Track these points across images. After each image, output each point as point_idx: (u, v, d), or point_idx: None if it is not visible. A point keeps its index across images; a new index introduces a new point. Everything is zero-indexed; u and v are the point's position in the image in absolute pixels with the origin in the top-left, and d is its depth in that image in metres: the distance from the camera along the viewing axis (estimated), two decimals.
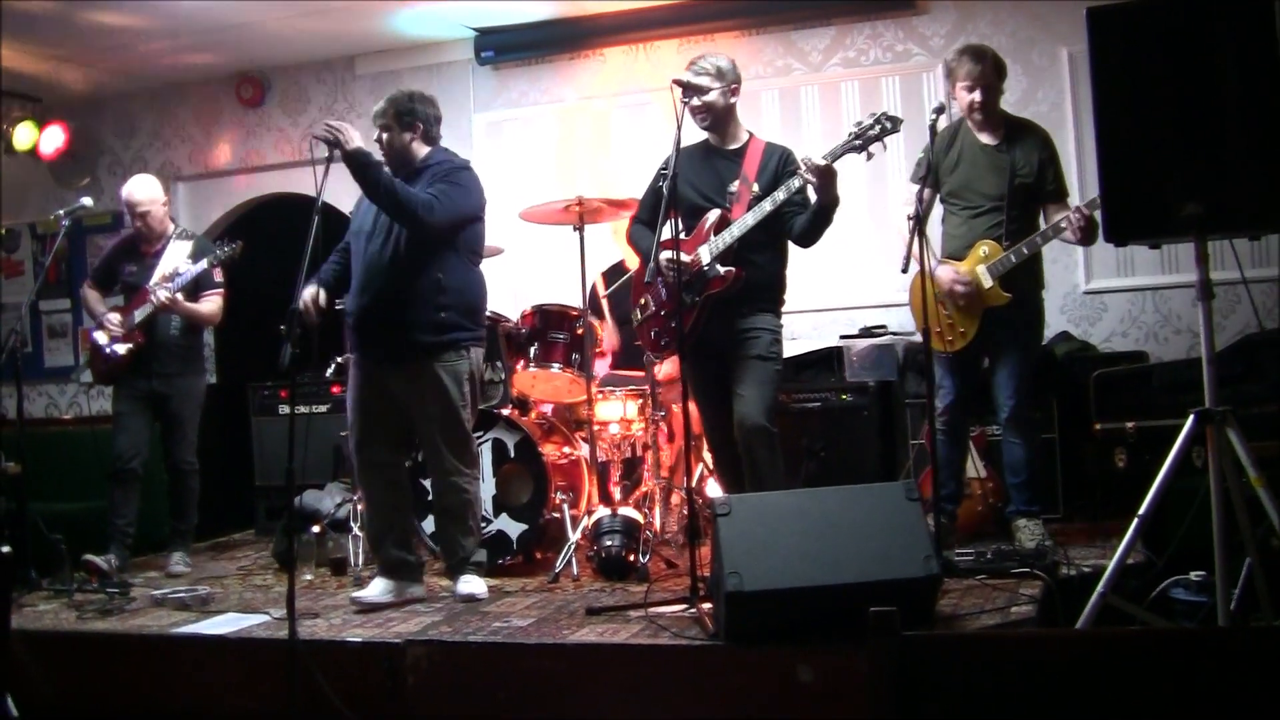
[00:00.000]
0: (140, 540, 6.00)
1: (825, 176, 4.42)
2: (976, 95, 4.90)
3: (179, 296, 5.71)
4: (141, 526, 5.95)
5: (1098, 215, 4.71)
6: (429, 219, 4.48)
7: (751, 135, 4.85)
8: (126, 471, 5.82)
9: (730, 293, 4.61)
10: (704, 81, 4.66)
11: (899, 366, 5.96)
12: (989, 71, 4.93)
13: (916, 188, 4.89)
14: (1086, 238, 4.77)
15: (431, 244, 4.57)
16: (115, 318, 5.83)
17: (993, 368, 5.02)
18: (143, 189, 5.93)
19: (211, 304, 5.91)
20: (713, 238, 4.63)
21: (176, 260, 5.84)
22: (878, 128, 4.45)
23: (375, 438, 4.74)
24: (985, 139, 4.99)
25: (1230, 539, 3.48)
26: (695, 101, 4.66)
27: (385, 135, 4.68)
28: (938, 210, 5.18)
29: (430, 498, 5.01)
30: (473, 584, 4.70)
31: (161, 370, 5.86)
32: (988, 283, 4.86)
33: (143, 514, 5.93)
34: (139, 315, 5.77)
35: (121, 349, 5.79)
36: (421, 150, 4.72)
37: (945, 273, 4.94)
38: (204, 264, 5.72)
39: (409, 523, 4.93)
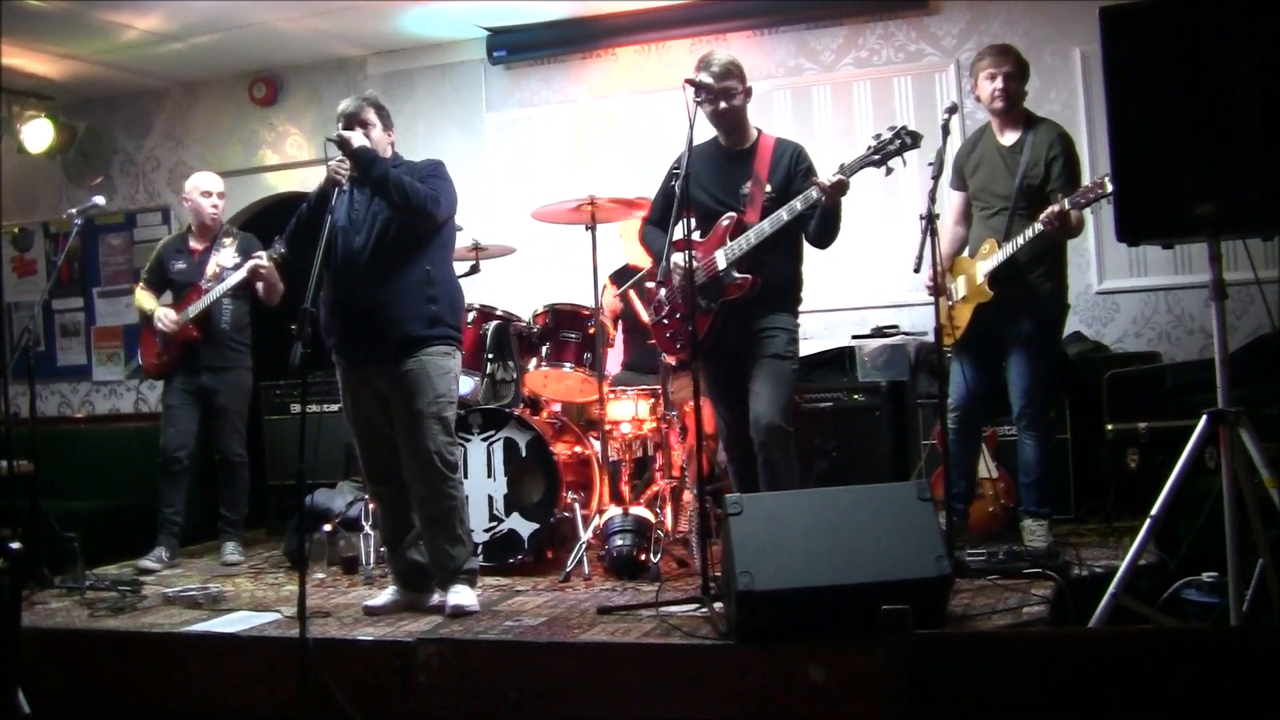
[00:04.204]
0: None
1: (840, 192, 4.42)
2: (998, 83, 4.89)
3: (254, 276, 5.79)
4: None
5: (1084, 212, 4.76)
6: (436, 212, 4.46)
7: (760, 133, 4.79)
8: (174, 462, 6.00)
9: (746, 299, 4.59)
10: (729, 84, 4.60)
11: (911, 366, 5.95)
12: (1012, 62, 4.92)
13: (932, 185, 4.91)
14: (1065, 233, 4.78)
15: (421, 237, 4.50)
16: (171, 313, 5.94)
17: (1009, 367, 5.03)
18: (217, 180, 6.22)
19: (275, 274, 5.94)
20: (729, 243, 4.60)
21: (226, 258, 6.00)
22: (897, 143, 4.42)
23: (377, 446, 4.61)
24: (1003, 140, 4.99)
25: (1242, 540, 3.46)
26: (722, 105, 4.61)
27: (364, 130, 4.52)
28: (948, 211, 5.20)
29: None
30: (463, 595, 4.48)
31: (211, 364, 6.01)
32: (978, 280, 4.88)
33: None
34: (193, 310, 5.89)
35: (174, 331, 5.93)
36: (389, 150, 4.64)
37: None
38: (254, 260, 5.78)
39: None
